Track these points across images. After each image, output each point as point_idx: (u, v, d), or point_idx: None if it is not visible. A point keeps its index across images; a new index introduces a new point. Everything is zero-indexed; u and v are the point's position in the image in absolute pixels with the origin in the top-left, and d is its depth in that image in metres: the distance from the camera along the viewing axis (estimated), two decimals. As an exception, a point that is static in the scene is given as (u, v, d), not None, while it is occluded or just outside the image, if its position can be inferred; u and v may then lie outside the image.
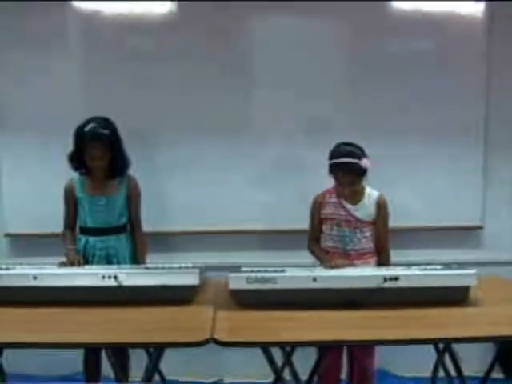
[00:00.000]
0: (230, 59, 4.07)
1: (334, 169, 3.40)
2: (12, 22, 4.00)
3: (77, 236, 3.65)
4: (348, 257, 3.48)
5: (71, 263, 3.40)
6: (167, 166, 4.12)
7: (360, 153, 3.37)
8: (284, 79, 4.08)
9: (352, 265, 3.40)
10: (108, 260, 3.58)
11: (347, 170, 3.36)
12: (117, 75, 4.05)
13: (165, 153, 4.12)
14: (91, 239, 3.60)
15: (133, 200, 3.66)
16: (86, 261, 3.55)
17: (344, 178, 3.38)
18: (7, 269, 3.21)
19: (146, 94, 4.04)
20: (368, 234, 3.51)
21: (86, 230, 3.62)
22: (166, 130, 4.12)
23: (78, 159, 3.53)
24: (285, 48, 4.04)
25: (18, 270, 3.21)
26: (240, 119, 4.13)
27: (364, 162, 3.35)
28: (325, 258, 3.48)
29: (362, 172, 3.38)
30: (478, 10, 4.05)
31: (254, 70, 4.10)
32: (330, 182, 3.51)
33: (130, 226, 3.70)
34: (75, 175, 3.62)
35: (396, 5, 4.05)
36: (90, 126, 3.44)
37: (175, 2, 4.03)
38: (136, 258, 3.66)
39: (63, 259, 3.45)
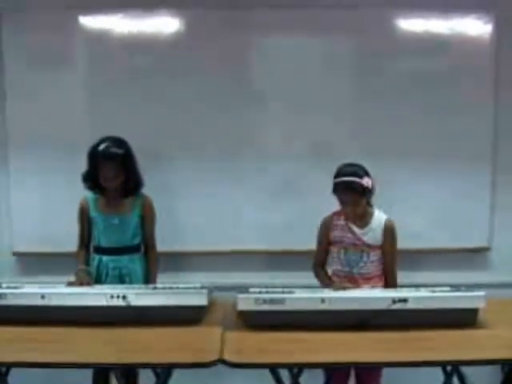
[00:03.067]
0: (236, 79, 4.09)
1: (337, 188, 3.40)
2: (20, 40, 4.02)
3: (91, 255, 3.65)
4: (354, 281, 3.46)
5: (79, 283, 3.39)
6: (174, 186, 4.11)
7: (362, 173, 3.37)
8: (289, 99, 4.09)
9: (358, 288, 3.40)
10: (121, 279, 3.57)
11: (348, 188, 3.35)
12: (125, 93, 4.06)
13: (172, 173, 4.12)
14: (104, 258, 3.60)
15: (147, 220, 3.66)
16: (99, 280, 3.56)
17: (345, 196, 3.38)
18: (15, 288, 3.22)
19: (153, 112, 4.06)
20: (375, 258, 3.48)
21: (99, 250, 3.63)
22: (173, 149, 4.13)
23: (92, 179, 3.53)
24: (290, 68, 4.05)
25: (26, 289, 3.22)
26: (250, 138, 4.14)
27: (365, 181, 3.35)
28: (327, 283, 3.47)
29: (363, 191, 3.37)
30: (485, 30, 4.06)
31: (259, 89, 4.11)
32: (335, 202, 3.51)
33: (144, 246, 3.70)
34: (89, 194, 3.61)
35: (403, 25, 4.06)
36: (103, 145, 3.45)
37: (183, 22, 4.05)
38: (149, 278, 3.65)
39: (72, 278, 3.45)
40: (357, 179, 3.34)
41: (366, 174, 3.39)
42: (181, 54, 4.06)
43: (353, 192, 3.36)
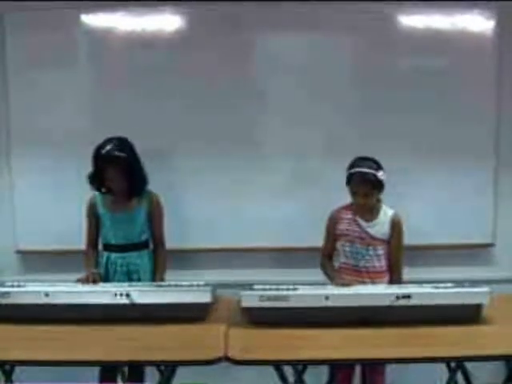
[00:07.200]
0: (244, 74, 4.07)
1: (351, 179, 3.42)
2: (24, 39, 4.01)
3: (100, 253, 3.65)
4: (359, 274, 3.48)
5: (86, 279, 3.38)
6: (179, 183, 4.10)
7: (376, 166, 3.41)
8: (298, 95, 4.06)
9: (362, 283, 3.40)
10: (129, 276, 3.57)
11: (363, 179, 3.38)
12: (129, 91, 4.04)
13: (177, 170, 4.11)
14: (113, 255, 3.60)
15: (155, 217, 3.66)
16: (107, 277, 3.56)
17: (359, 187, 3.40)
18: (19, 286, 3.23)
19: (158, 109, 4.04)
20: (381, 252, 3.50)
21: (108, 247, 3.63)
22: (176, 147, 4.11)
23: (97, 180, 3.54)
24: (298, 64, 4.03)
25: (30, 287, 3.23)
26: (254, 135, 4.13)
27: (380, 174, 3.39)
28: (334, 276, 3.48)
29: (377, 183, 3.40)
30: (488, 27, 4.04)
31: (267, 84, 4.09)
32: (343, 201, 3.52)
33: (153, 244, 3.71)
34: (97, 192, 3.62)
35: (406, 22, 4.05)
36: (107, 148, 3.44)
37: (185, 19, 4.05)
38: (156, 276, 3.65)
39: (76, 277, 3.43)
40: (372, 171, 3.38)
41: (380, 167, 3.42)
42: (183, 52, 4.04)
43: (368, 183, 3.39)
